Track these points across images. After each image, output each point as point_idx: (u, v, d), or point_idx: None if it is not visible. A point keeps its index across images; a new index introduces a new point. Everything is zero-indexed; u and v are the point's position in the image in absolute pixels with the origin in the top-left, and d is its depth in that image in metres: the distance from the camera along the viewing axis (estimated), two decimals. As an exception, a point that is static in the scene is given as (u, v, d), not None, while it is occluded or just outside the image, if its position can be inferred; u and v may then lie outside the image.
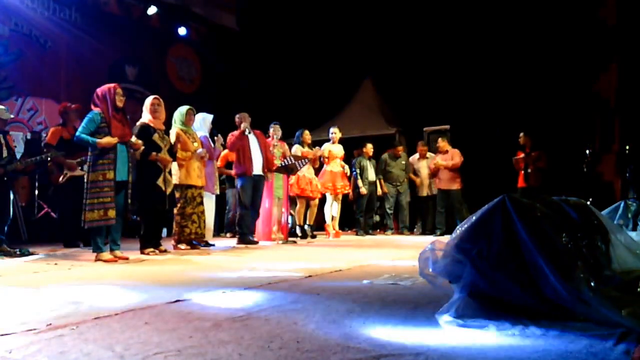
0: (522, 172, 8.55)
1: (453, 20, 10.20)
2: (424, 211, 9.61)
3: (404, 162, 9.49)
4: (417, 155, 9.76)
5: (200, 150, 6.19)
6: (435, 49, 10.32)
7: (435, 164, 9.08)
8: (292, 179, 7.89)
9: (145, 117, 5.60)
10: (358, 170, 8.99)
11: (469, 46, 9.98)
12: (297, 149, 8.02)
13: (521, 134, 8.64)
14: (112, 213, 4.78)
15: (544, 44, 9.33)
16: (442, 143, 9.18)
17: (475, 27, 9.90)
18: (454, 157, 9.02)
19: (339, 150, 8.73)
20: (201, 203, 6.14)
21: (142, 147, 5.27)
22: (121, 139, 4.91)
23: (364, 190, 8.91)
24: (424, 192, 9.55)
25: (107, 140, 4.79)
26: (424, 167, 9.55)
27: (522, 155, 8.59)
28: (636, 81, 8.69)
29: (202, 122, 6.69)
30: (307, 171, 8.03)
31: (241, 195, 6.92)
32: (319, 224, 8.94)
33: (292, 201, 8.17)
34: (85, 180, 4.84)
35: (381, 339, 1.99)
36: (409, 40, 10.72)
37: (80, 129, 4.84)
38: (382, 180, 9.35)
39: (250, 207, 6.94)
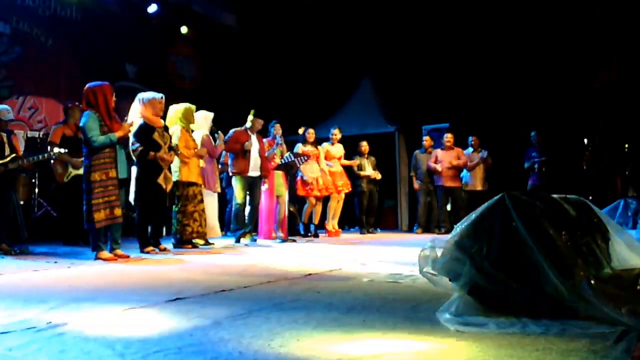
0: (534, 171, 8.47)
1: (453, 18, 10.18)
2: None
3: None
4: (470, 149, 9.21)
5: (201, 148, 6.21)
6: (434, 46, 10.30)
7: (457, 163, 8.91)
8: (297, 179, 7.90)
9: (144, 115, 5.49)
10: (355, 168, 8.98)
11: (468, 44, 9.96)
12: (299, 147, 8.01)
13: (533, 133, 8.56)
14: (118, 211, 4.75)
15: (544, 41, 9.32)
16: (451, 139, 8.97)
17: (475, 24, 9.88)
18: (459, 155, 8.95)
19: (337, 150, 8.71)
20: (202, 201, 6.13)
21: (141, 147, 5.26)
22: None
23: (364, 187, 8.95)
24: (478, 186, 9.02)
25: (122, 132, 4.82)
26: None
27: (535, 154, 8.51)
28: (635, 78, 8.69)
29: (203, 120, 6.66)
30: (310, 170, 7.99)
31: (236, 194, 6.93)
32: (319, 223, 8.93)
33: (294, 200, 8.18)
34: (87, 180, 4.73)
35: (381, 337, 1.99)
36: (408, 37, 10.70)
37: (92, 134, 4.69)
38: (415, 178, 9.18)
39: (247, 205, 6.95)
